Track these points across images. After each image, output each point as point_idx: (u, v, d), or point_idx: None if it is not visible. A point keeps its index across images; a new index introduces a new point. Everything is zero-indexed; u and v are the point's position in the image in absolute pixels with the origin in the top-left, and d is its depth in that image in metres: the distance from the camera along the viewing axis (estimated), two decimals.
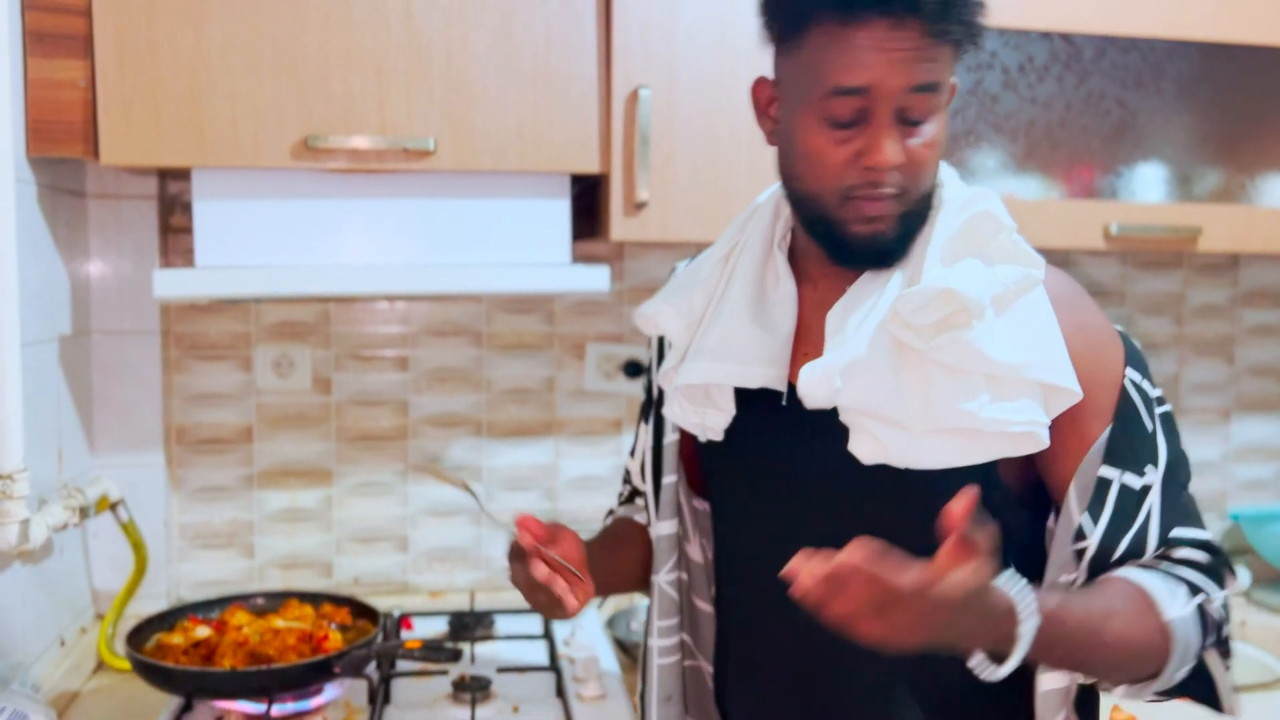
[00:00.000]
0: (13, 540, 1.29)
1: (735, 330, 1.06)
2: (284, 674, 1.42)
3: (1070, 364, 0.95)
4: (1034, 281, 0.96)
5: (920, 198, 0.97)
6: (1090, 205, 1.74)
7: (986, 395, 0.93)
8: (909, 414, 0.94)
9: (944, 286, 0.92)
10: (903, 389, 0.95)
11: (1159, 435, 1.00)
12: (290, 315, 1.89)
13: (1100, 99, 1.76)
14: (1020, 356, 0.93)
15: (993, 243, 0.97)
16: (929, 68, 0.91)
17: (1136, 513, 0.98)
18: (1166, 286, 2.19)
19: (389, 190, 1.56)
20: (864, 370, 0.96)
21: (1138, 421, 0.99)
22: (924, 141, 0.94)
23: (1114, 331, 1.02)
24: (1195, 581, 0.96)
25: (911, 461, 0.95)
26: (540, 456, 1.99)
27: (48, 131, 1.46)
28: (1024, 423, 0.93)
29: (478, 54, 1.52)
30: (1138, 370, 1.01)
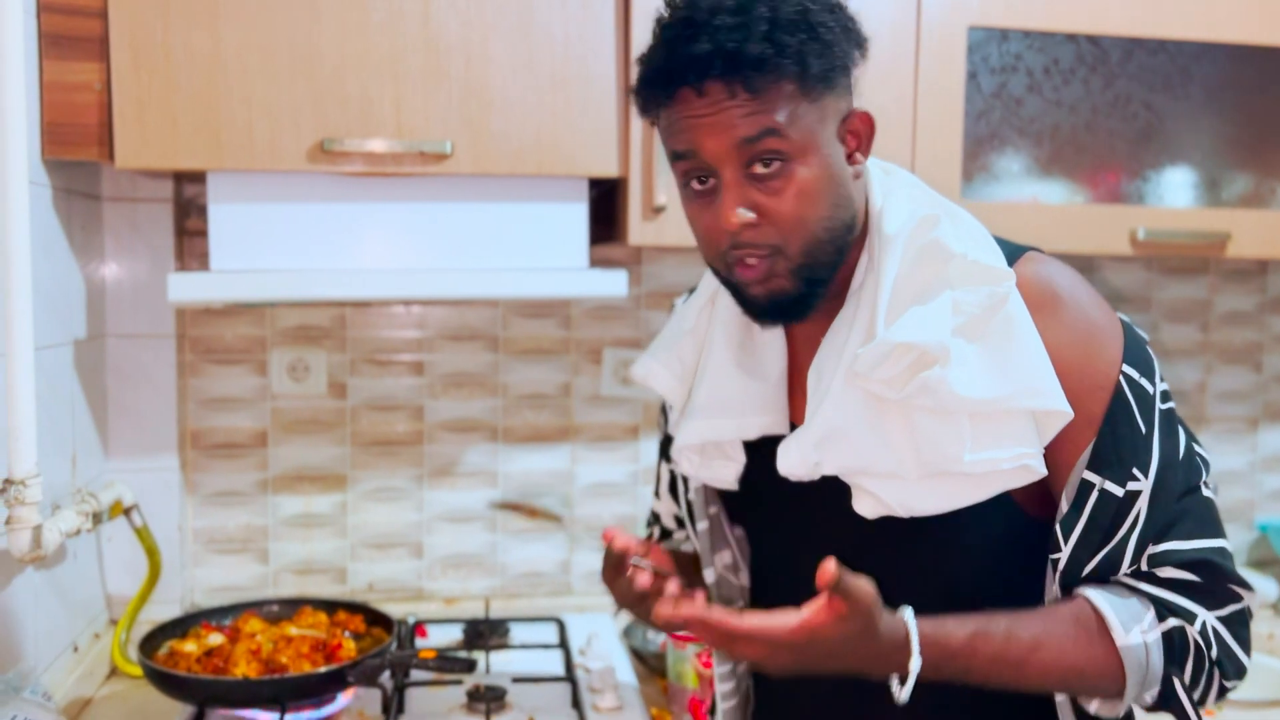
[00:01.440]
0: (25, 547, 1.28)
1: (724, 382, 1.05)
2: (297, 683, 1.41)
3: (1056, 381, 0.91)
4: (1001, 298, 0.91)
5: (809, 247, 0.93)
6: (1117, 210, 1.71)
7: (971, 437, 0.90)
8: (901, 464, 0.93)
9: (895, 342, 0.90)
10: (889, 442, 0.93)
11: (1154, 438, 0.94)
12: (306, 319, 1.88)
13: (1127, 102, 1.73)
14: (1000, 388, 0.89)
15: (947, 270, 0.93)
16: (750, 120, 0.89)
17: (1116, 524, 0.93)
18: (1192, 293, 2.15)
19: (405, 194, 1.54)
20: (840, 437, 0.95)
21: (1129, 423, 0.93)
22: (780, 192, 0.91)
23: (1110, 325, 0.95)
24: (1174, 603, 0.92)
25: (913, 510, 0.94)
26: (556, 462, 1.98)
27: (63, 134, 1.45)
28: (1013, 458, 0.91)
29: (495, 57, 1.51)
30: (1136, 366, 0.94)
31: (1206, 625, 0.92)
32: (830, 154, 0.93)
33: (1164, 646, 0.92)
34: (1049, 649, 0.90)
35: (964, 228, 0.96)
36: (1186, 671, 0.92)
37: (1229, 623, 0.93)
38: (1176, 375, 2.16)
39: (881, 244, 0.96)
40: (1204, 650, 0.92)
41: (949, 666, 0.89)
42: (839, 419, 0.95)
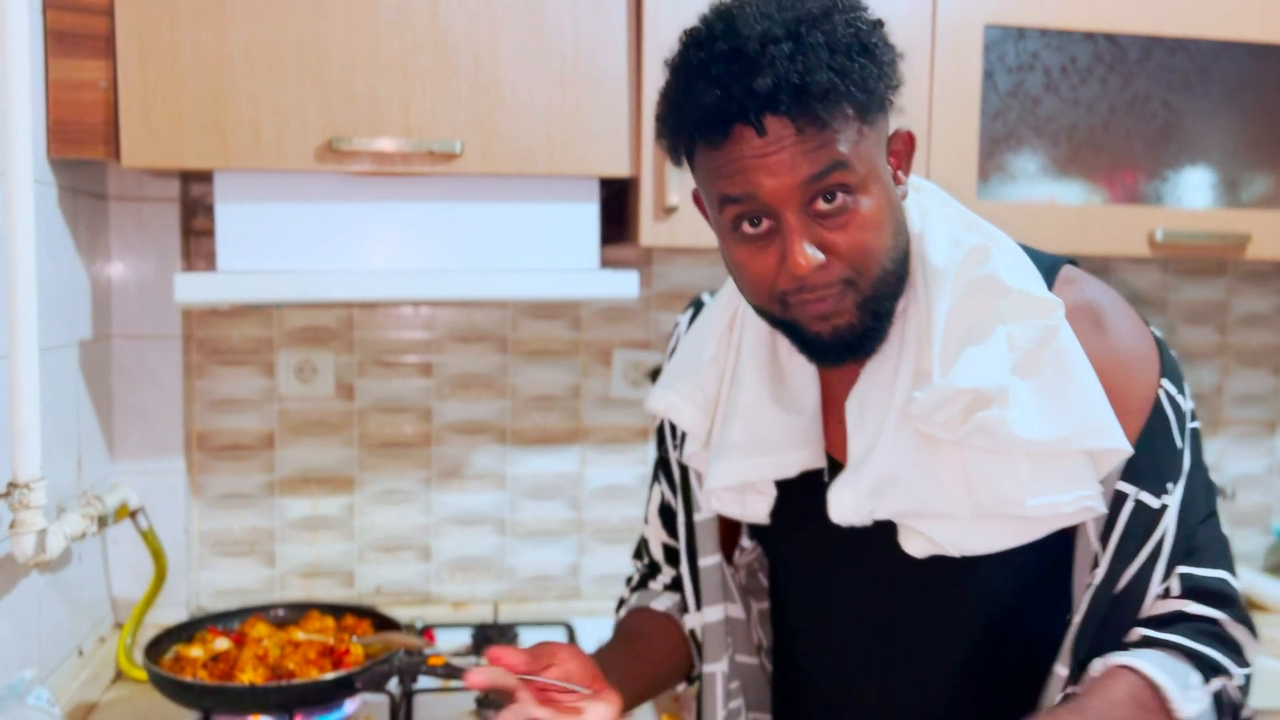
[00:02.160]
0: (29, 551, 1.26)
1: (759, 419, 1.00)
2: (304, 690, 1.39)
3: (1113, 416, 0.89)
4: (1053, 331, 0.89)
5: (878, 280, 0.88)
6: (1134, 211, 1.69)
7: (1030, 477, 0.88)
8: (954, 505, 0.90)
9: (954, 389, 0.86)
10: (942, 484, 0.90)
11: (1185, 454, 0.93)
12: (313, 320, 1.86)
13: (1145, 101, 1.70)
14: (1058, 428, 0.87)
15: (999, 305, 0.89)
16: (816, 155, 0.83)
17: (1148, 537, 0.91)
18: (1210, 295, 2.13)
19: (414, 193, 1.52)
20: (895, 483, 0.91)
21: (1166, 435, 0.92)
22: (846, 227, 0.86)
23: (1149, 343, 0.95)
24: (1215, 659, 0.89)
25: (965, 549, 0.92)
26: (566, 465, 1.96)
27: (68, 133, 1.43)
28: (1073, 502, 0.89)
29: (505, 55, 1.49)
30: (1174, 383, 0.94)
31: (1245, 679, 0.91)
32: (887, 180, 0.89)
33: (1214, 707, 0.90)
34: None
35: (1010, 256, 0.93)
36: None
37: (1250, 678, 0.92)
38: (1194, 378, 2.14)
39: (929, 275, 0.92)
40: (1240, 707, 0.91)
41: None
42: (892, 464, 0.91)
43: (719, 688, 1.10)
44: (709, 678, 1.11)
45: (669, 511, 1.17)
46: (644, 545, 1.24)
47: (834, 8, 0.85)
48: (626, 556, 1.96)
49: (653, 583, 1.21)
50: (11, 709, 1.21)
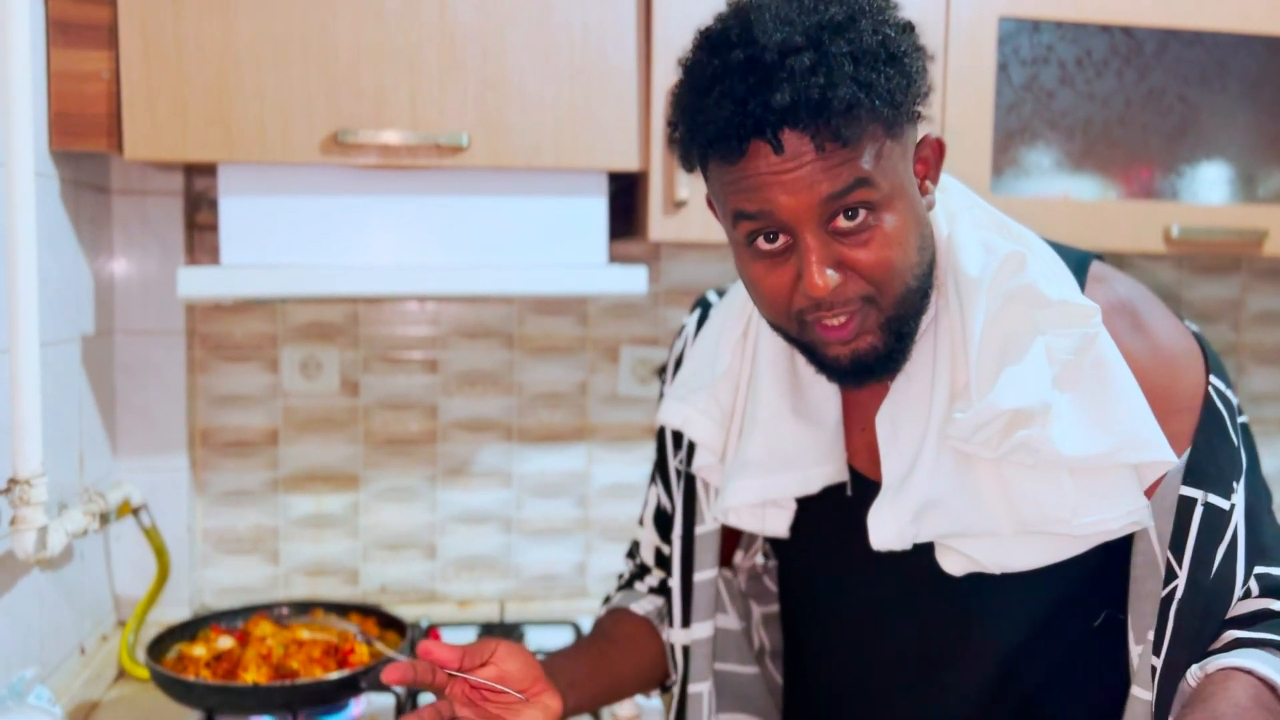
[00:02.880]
0: (30, 548, 1.24)
1: (779, 433, 0.97)
2: (309, 690, 1.37)
3: (1157, 427, 0.85)
4: (1091, 339, 0.86)
5: (900, 298, 0.85)
6: (1150, 206, 1.66)
7: (1074, 494, 0.85)
8: (996, 523, 0.87)
9: (996, 410, 0.83)
10: (983, 503, 0.87)
11: (1243, 453, 0.90)
12: (318, 316, 1.84)
13: (1161, 95, 1.68)
14: (1102, 443, 0.84)
15: (1037, 316, 0.86)
16: (837, 173, 0.79)
17: (1221, 539, 0.87)
18: (1224, 292, 2.10)
19: (420, 187, 1.50)
20: (936, 507, 0.88)
21: (1223, 433, 0.89)
22: (868, 244, 0.82)
23: (1189, 339, 0.92)
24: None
25: (1006, 566, 0.89)
26: (572, 463, 1.94)
27: (71, 125, 1.41)
28: (1121, 517, 0.86)
29: (513, 47, 1.47)
30: (1220, 378, 0.91)
31: None
32: (913, 193, 0.85)
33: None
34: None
35: (1045, 263, 0.90)
36: None
37: None
38: None
39: (962, 286, 0.89)
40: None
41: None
42: (933, 486, 0.88)
43: (705, 707, 1.07)
44: (694, 698, 1.07)
45: (664, 517, 1.14)
46: (636, 546, 1.22)
47: (859, 11, 0.80)
48: None
49: (639, 583, 1.18)
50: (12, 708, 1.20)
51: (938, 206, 0.93)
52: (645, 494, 1.20)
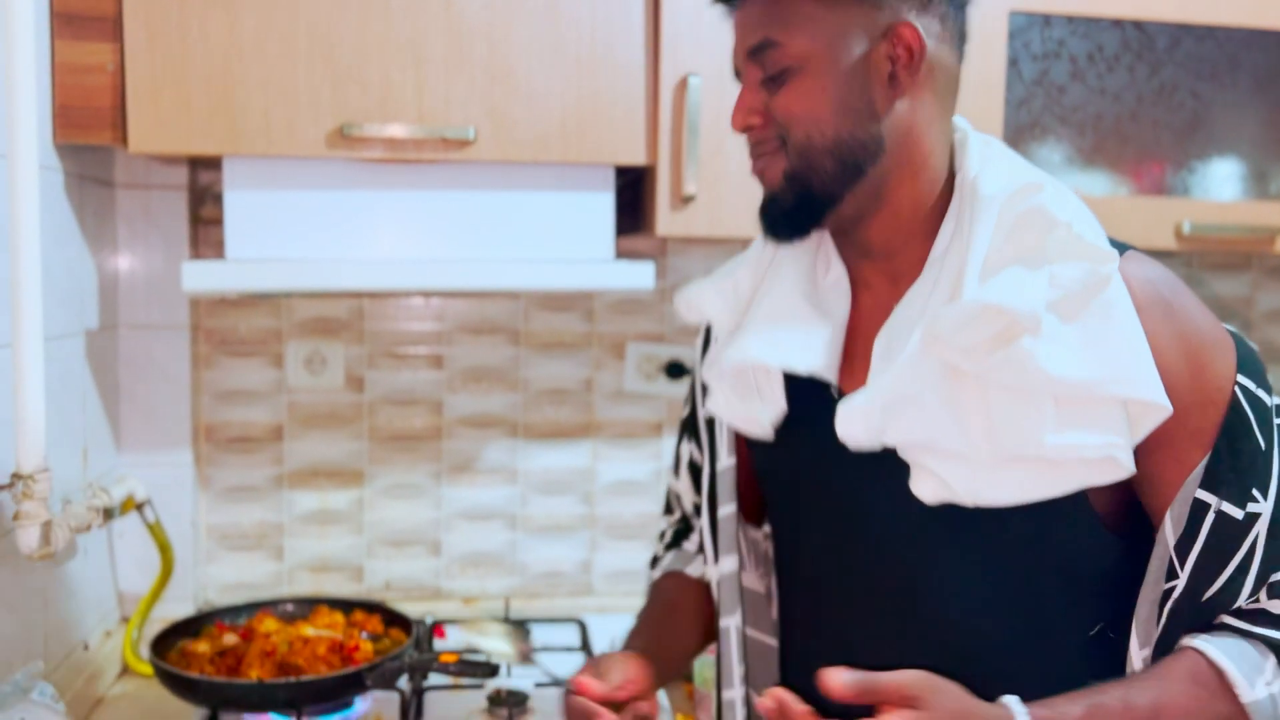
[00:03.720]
0: (34, 544, 1.23)
1: (787, 306, 0.97)
2: (313, 687, 1.36)
3: (1156, 373, 0.82)
4: (1104, 279, 0.83)
5: (806, 151, 0.90)
6: (1161, 203, 1.65)
7: (1055, 418, 0.82)
8: (971, 445, 0.85)
9: (984, 303, 0.82)
10: (960, 418, 0.85)
11: (1275, 455, 0.86)
12: (323, 311, 1.83)
13: (1173, 91, 1.67)
14: (1092, 371, 0.81)
15: (1047, 241, 0.85)
16: (753, 28, 0.91)
17: (1234, 550, 0.84)
18: (1234, 290, 2.09)
19: (426, 182, 1.49)
20: (908, 404, 0.87)
21: (1248, 438, 0.85)
22: (782, 93, 0.90)
23: (1221, 334, 0.88)
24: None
25: (980, 499, 0.86)
26: (578, 459, 1.93)
27: (75, 117, 1.40)
28: (1099, 446, 0.82)
29: (520, 40, 1.46)
30: (1252, 377, 0.87)
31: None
32: (846, 66, 0.88)
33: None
34: (1170, 714, 0.82)
35: (1070, 200, 0.89)
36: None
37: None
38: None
39: (976, 206, 0.88)
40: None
41: (1057, 704, 0.81)
42: (910, 385, 0.86)
43: (733, 642, 1.07)
44: (724, 632, 1.07)
45: (697, 468, 1.15)
46: (675, 499, 1.21)
47: None
48: (639, 552, 1.93)
49: (686, 543, 1.19)
50: (15, 704, 1.19)
51: (972, 152, 0.93)
52: (676, 451, 1.20)
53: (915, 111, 0.90)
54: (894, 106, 0.89)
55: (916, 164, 0.91)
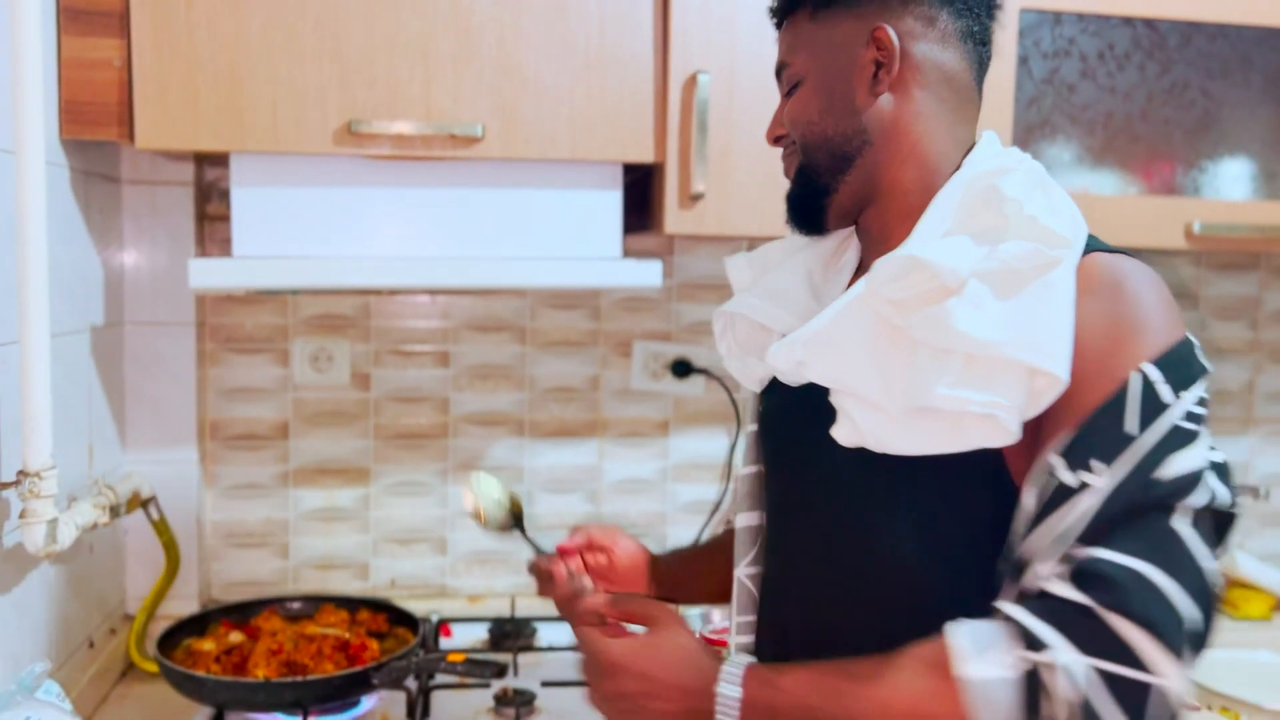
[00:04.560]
0: (40, 542, 1.23)
1: (790, 278, 1.08)
2: (320, 686, 1.36)
3: (1065, 349, 0.82)
4: (1049, 262, 0.84)
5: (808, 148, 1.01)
6: (1171, 202, 1.64)
7: (956, 375, 0.84)
8: (888, 395, 0.88)
9: (910, 255, 0.87)
10: (880, 368, 0.89)
11: (1146, 443, 0.81)
12: (329, 308, 1.83)
13: (1184, 89, 1.66)
14: (999, 334, 0.83)
15: (1000, 219, 0.87)
16: (780, 55, 1.05)
17: (1047, 515, 0.82)
18: (1242, 289, 2.08)
19: (433, 179, 1.49)
20: (832, 343, 0.93)
21: (1119, 419, 0.82)
22: (789, 106, 1.03)
23: (1159, 328, 0.85)
24: (1039, 637, 0.77)
25: (885, 445, 0.89)
26: (584, 458, 1.92)
27: (81, 113, 1.40)
28: (982, 404, 0.83)
29: (529, 37, 1.45)
30: (1166, 372, 0.83)
31: (1075, 672, 0.76)
32: (835, 72, 0.99)
33: (1026, 689, 0.77)
34: (886, 678, 0.82)
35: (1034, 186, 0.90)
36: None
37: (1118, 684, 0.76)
38: (1224, 375, 2.09)
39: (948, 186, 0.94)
40: (1074, 702, 0.76)
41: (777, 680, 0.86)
42: (836, 327, 0.93)
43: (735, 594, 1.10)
44: (736, 580, 1.10)
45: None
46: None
47: None
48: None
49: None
50: (22, 703, 1.18)
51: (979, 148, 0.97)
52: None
53: (900, 106, 0.97)
54: (877, 102, 0.97)
55: (904, 153, 0.97)
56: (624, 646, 0.92)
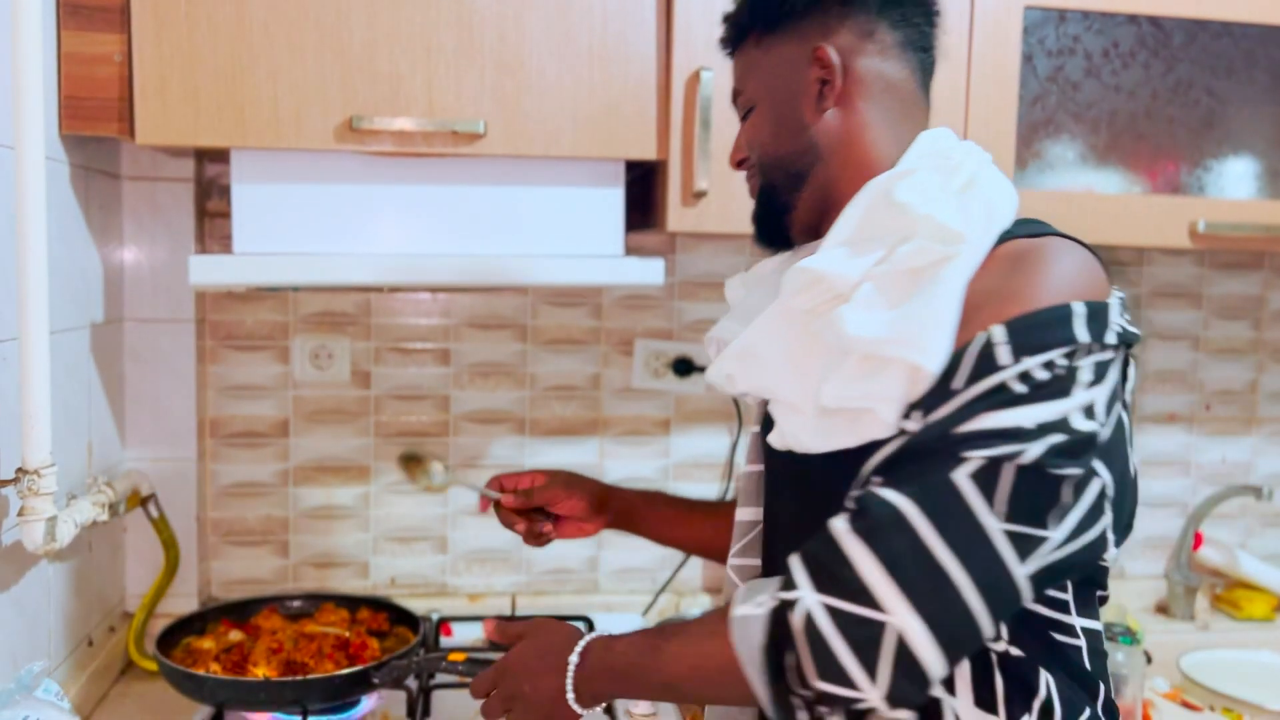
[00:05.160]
0: (38, 540, 1.22)
1: (764, 295, 1.07)
2: (320, 685, 1.35)
3: (942, 344, 0.84)
4: (943, 257, 0.87)
5: (764, 168, 1.06)
6: (1176, 201, 1.64)
7: (846, 373, 0.89)
8: (803, 397, 0.94)
9: (802, 267, 0.94)
10: (802, 373, 0.94)
11: (962, 400, 0.83)
12: (330, 305, 1.82)
13: (1189, 88, 1.65)
14: (885, 333, 0.87)
15: (893, 221, 0.92)
16: (734, 79, 1.10)
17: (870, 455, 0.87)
18: (1245, 289, 2.08)
19: (435, 176, 1.48)
20: (754, 356, 0.99)
21: (951, 375, 0.84)
22: (745, 131, 1.09)
23: (1033, 297, 0.84)
24: (795, 577, 0.83)
25: (803, 445, 0.95)
26: (585, 457, 1.91)
27: (81, 108, 1.39)
28: (859, 398, 0.88)
29: (531, 32, 1.44)
30: (1012, 336, 0.83)
31: (809, 608, 0.81)
32: (782, 93, 1.03)
33: (771, 623, 0.84)
34: (686, 630, 0.94)
35: (937, 187, 0.92)
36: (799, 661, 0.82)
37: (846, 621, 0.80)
38: (1227, 375, 2.09)
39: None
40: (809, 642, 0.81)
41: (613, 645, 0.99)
42: (759, 337, 0.99)
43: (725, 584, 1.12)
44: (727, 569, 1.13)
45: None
46: None
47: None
48: (646, 550, 1.91)
49: None
50: (20, 701, 1.18)
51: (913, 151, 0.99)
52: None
53: (847, 120, 1.01)
54: (824, 118, 1.02)
55: (854, 165, 1.00)
56: (506, 655, 1.06)
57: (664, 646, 0.94)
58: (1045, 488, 0.81)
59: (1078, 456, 0.82)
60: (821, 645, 0.81)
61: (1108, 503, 0.86)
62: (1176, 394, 2.08)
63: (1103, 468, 0.84)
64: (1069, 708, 0.90)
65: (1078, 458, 0.82)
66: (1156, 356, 2.06)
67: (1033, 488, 0.81)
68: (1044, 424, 0.81)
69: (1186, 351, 2.07)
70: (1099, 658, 0.95)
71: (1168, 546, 2.09)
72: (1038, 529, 0.81)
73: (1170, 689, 1.74)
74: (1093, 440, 0.83)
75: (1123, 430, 0.89)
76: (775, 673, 0.84)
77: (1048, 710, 0.89)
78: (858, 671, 0.80)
